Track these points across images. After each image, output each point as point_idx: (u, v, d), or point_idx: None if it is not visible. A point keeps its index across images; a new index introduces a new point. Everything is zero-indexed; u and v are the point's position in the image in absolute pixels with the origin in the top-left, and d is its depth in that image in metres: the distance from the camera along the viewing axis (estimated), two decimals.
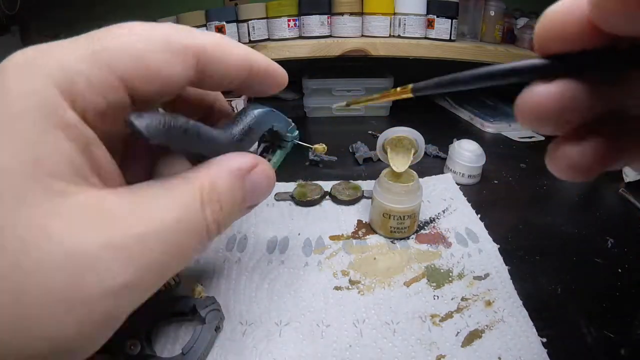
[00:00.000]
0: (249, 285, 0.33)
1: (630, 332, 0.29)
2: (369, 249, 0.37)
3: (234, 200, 0.19)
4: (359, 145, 0.57)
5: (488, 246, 0.38)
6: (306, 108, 0.75)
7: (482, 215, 0.42)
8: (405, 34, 0.65)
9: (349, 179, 0.49)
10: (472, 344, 0.28)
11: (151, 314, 0.28)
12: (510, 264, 0.35)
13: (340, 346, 0.28)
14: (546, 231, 0.41)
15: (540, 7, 0.49)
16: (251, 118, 0.22)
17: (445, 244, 0.38)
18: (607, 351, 0.28)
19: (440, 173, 0.51)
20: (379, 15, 0.65)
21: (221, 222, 0.18)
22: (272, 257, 0.36)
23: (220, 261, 0.36)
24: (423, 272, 0.35)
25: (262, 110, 0.23)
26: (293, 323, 0.30)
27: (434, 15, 0.64)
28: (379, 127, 0.70)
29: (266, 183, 0.20)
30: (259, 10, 0.65)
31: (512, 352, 0.27)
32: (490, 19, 0.69)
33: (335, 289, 0.33)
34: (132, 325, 0.27)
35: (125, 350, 0.25)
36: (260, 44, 0.64)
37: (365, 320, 0.30)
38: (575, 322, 0.30)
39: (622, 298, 0.32)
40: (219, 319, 0.28)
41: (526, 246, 0.38)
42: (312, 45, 0.64)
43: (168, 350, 0.28)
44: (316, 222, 0.41)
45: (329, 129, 0.71)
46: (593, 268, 0.36)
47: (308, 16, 0.65)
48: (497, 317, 0.30)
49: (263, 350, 0.27)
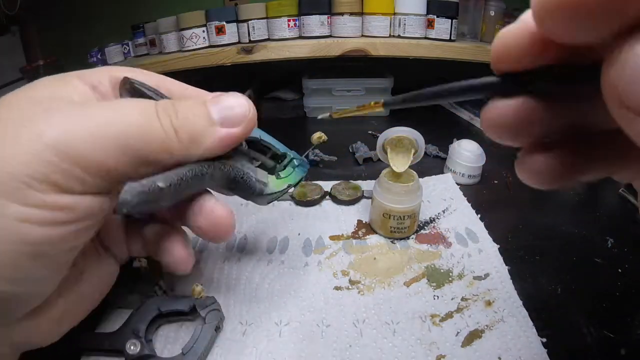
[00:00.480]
0: (249, 285, 0.33)
1: (630, 332, 0.29)
2: (369, 249, 0.37)
3: (194, 111, 0.21)
4: (359, 145, 0.57)
5: (488, 246, 0.38)
6: (306, 108, 0.75)
7: (482, 215, 0.42)
8: (405, 34, 0.65)
9: (349, 179, 0.49)
10: (472, 344, 0.28)
11: (151, 314, 0.28)
12: (510, 264, 0.35)
13: (340, 346, 0.28)
14: (546, 231, 0.41)
15: None
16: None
17: (445, 244, 0.38)
18: (607, 351, 0.28)
19: (440, 173, 0.51)
20: (379, 15, 0.65)
21: (179, 128, 0.20)
22: (272, 257, 0.36)
23: (220, 261, 0.36)
24: (423, 272, 0.35)
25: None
26: (293, 323, 0.30)
27: (434, 15, 0.64)
28: (379, 127, 0.70)
29: (237, 103, 0.22)
30: (259, 10, 0.65)
31: (512, 352, 0.27)
32: (491, 19, 0.69)
33: (335, 289, 0.33)
34: (132, 325, 0.27)
35: (125, 350, 0.25)
36: (260, 44, 0.64)
37: (365, 320, 0.30)
38: (575, 322, 0.30)
39: (622, 298, 0.32)
40: (219, 319, 0.28)
41: (526, 246, 0.38)
42: (312, 45, 0.64)
43: (168, 350, 0.28)
44: (316, 222, 0.41)
45: (329, 129, 0.71)
46: (593, 268, 0.36)
47: (308, 16, 0.65)
48: (497, 317, 0.30)
49: (263, 350, 0.27)
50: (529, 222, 0.43)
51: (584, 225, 0.42)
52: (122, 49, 0.72)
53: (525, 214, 0.44)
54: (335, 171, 0.53)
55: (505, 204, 0.46)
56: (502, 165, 0.55)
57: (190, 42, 0.65)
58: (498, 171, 0.53)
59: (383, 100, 0.20)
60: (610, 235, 0.40)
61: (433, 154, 0.57)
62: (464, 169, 0.49)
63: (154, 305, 0.28)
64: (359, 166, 0.55)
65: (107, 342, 0.26)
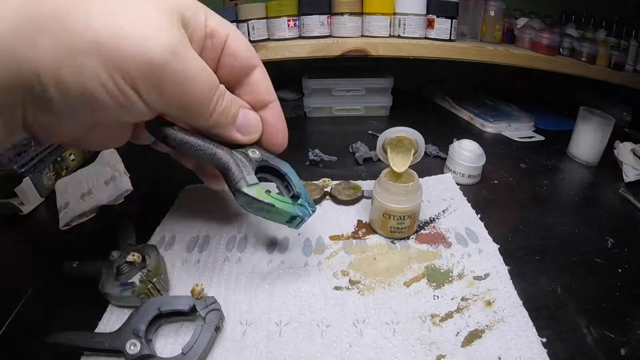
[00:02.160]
0: (249, 285, 0.33)
1: (630, 332, 0.29)
2: (369, 249, 0.37)
3: (232, 108, 0.28)
4: (359, 145, 0.57)
5: (488, 246, 0.38)
6: (306, 108, 0.75)
7: (482, 215, 0.42)
8: (405, 34, 0.65)
9: (349, 179, 0.49)
10: (472, 344, 0.28)
11: (151, 314, 0.28)
12: (510, 264, 0.35)
13: (340, 346, 0.28)
14: (546, 231, 0.41)
15: (541, 7, 0.49)
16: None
17: (445, 244, 0.38)
18: (607, 351, 0.28)
19: (440, 173, 0.51)
20: (378, 15, 0.65)
21: (217, 108, 0.27)
22: (272, 257, 0.36)
23: (220, 261, 0.36)
24: (423, 272, 0.35)
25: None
26: (293, 323, 0.30)
27: (434, 15, 0.64)
28: (379, 126, 0.70)
29: (255, 122, 0.30)
30: (259, 10, 0.65)
31: (512, 352, 0.27)
32: (490, 19, 0.69)
33: (335, 289, 0.33)
34: (132, 325, 0.27)
35: (125, 350, 0.25)
36: (260, 44, 0.64)
37: (365, 320, 0.30)
38: (575, 322, 0.30)
39: (622, 298, 0.32)
40: (219, 319, 0.28)
41: (526, 246, 0.38)
42: (312, 45, 0.64)
43: (168, 350, 0.28)
44: (316, 222, 0.41)
45: (329, 129, 0.71)
46: (593, 268, 0.36)
47: (308, 16, 0.65)
48: (497, 317, 0.30)
49: (263, 350, 0.27)
50: (529, 222, 0.43)
51: (584, 225, 0.42)
52: None
53: (525, 214, 0.44)
54: (335, 171, 0.53)
55: (505, 204, 0.46)
56: (502, 165, 0.55)
57: None
58: (498, 171, 0.53)
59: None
60: (610, 235, 0.40)
61: (433, 154, 0.57)
62: (464, 169, 0.49)
63: (154, 305, 0.28)
64: (359, 166, 0.55)
65: (107, 342, 0.26)
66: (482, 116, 0.71)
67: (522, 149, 0.62)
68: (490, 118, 0.70)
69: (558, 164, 0.57)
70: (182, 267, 0.35)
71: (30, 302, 0.32)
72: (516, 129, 0.68)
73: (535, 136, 0.66)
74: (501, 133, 0.67)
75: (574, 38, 0.69)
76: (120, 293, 0.30)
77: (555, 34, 0.66)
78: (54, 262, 0.34)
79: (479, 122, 0.71)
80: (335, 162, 0.54)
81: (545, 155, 0.59)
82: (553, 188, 0.50)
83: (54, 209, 0.45)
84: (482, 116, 0.71)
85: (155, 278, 0.31)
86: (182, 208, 0.44)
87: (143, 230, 0.40)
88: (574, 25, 0.79)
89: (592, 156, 0.56)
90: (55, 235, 0.41)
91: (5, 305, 0.32)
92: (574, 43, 0.68)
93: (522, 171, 0.54)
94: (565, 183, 0.52)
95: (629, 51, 0.71)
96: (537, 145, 0.64)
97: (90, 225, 0.43)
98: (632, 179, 0.50)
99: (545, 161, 0.57)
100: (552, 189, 0.50)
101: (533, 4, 0.82)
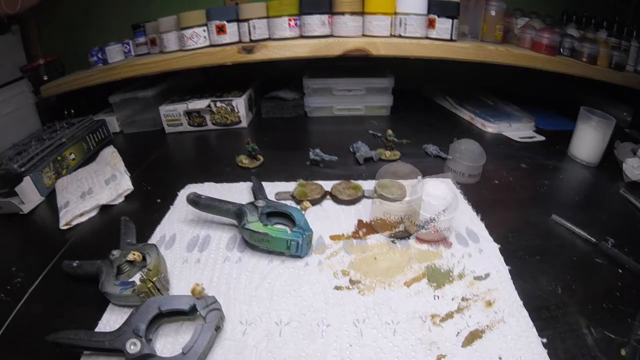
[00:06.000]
0: (249, 285, 0.33)
1: (630, 332, 0.29)
2: (369, 249, 0.37)
3: None
4: (360, 145, 0.57)
5: (488, 246, 0.38)
6: (307, 107, 0.75)
7: (482, 215, 0.42)
8: (406, 34, 0.65)
9: (350, 178, 0.49)
10: (472, 344, 0.28)
11: (151, 313, 0.28)
12: (511, 264, 0.35)
13: (340, 346, 0.28)
14: (546, 231, 0.41)
15: (540, 7, 0.50)
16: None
17: (446, 244, 0.38)
18: (607, 351, 0.28)
19: (440, 173, 0.51)
20: (379, 14, 0.65)
21: None
22: (272, 257, 0.36)
23: (220, 261, 0.36)
24: (423, 272, 0.35)
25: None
26: (293, 322, 0.30)
27: (434, 15, 0.63)
28: (380, 126, 0.70)
29: None
30: (260, 9, 0.65)
31: (513, 352, 0.27)
32: (491, 18, 0.69)
33: (335, 288, 0.33)
34: (132, 325, 0.27)
35: (125, 349, 0.25)
36: (261, 44, 0.64)
37: (365, 320, 0.30)
38: (575, 322, 0.30)
39: (622, 298, 0.32)
40: (219, 318, 0.28)
41: (526, 246, 0.38)
42: (312, 44, 0.64)
43: (168, 349, 0.28)
44: (316, 221, 0.41)
45: (329, 129, 0.71)
46: (593, 268, 0.36)
47: (309, 15, 0.65)
48: (497, 317, 0.30)
49: (263, 350, 0.27)
50: (529, 222, 0.43)
51: (584, 225, 0.41)
52: (123, 48, 0.72)
53: (525, 214, 0.44)
54: (335, 171, 0.53)
55: (505, 204, 0.46)
56: (503, 165, 0.55)
57: (191, 42, 0.65)
58: (498, 171, 0.53)
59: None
60: (610, 235, 0.40)
61: (433, 153, 0.57)
62: (464, 168, 0.49)
63: (155, 304, 0.28)
64: (359, 166, 0.55)
65: (107, 342, 0.26)
66: (483, 116, 0.71)
67: (523, 149, 0.62)
68: (491, 118, 0.70)
69: (558, 164, 0.56)
70: (183, 267, 0.35)
71: (31, 301, 0.32)
72: (517, 129, 0.68)
73: (536, 136, 0.66)
74: (501, 133, 0.67)
75: (575, 38, 0.69)
76: (120, 292, 0.30)
77: (555, 34, 0.66)
78: (54, 262, 0.34)
79: (480, 122, 0.71)
80: (336, 162, 0.54)
81: (545, 155, 0.59)
82: (553, 188, 0.50)
83: (54, 208, 0.45)
84: (483, 116, 0.71)
85: (155, 277, 0.31)
86: (182, 208, 0.44)
87: (143, 229, 0.40)
88: (574, 25, 0.78)
89: (593, 156, 0.56)
90: (55, 235, 0.41)
91: (5, 304, 0.32)
92: (574, 43, 0.68)
93: (522, 171, 0.54)
94: (565, 183, 0.52)
95: (629, 52, 0.71)
96: (538, 145, 0.64)
97: (90, 224, 0.43)
98: (632, 179, 0.50)
99: (546, 161, 0.57)
100: (552, 189, 0.50)
101: (533, 4, 0.82)
